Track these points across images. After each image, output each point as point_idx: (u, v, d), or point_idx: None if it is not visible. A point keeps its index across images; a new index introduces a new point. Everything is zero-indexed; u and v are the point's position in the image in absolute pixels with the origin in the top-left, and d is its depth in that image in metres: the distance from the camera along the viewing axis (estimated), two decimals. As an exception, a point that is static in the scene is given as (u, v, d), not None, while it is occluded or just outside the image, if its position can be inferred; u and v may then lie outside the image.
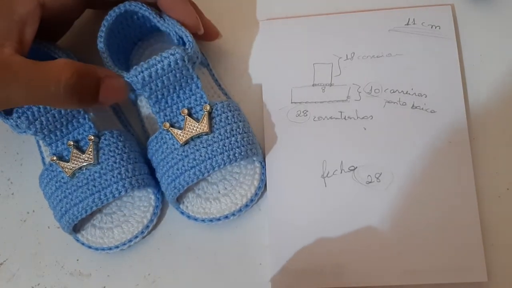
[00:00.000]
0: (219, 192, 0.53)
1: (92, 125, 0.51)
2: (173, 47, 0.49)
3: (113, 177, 0.50)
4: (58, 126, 0.50)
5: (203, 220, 0.53)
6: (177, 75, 0.50)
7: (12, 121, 0.49)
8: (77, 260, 0.54)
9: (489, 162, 0.53)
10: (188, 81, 0.51)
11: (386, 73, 0.55)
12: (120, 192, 0.50)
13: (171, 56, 0.49)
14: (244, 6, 0.59)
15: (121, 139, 0.52)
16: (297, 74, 0.56)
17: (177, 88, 0.51)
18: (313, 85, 0.56)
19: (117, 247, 0.53)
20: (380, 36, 0.56)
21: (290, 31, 0.57)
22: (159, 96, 0.51)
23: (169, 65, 0.49)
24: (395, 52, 0.55)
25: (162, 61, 0.49)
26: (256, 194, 0.53)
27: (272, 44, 0.57)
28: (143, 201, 0.54)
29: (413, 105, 0.54)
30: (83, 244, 0.53)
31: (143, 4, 0.52)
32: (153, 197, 0.53)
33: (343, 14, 0.57)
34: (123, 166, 0.50)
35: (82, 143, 0.51)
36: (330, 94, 0.55)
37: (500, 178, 0.52)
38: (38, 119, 0.49)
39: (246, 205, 0.53)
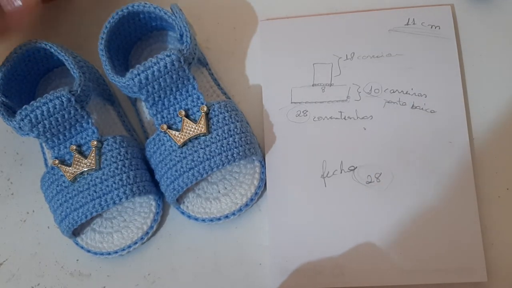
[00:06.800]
0: (219, 191, 0.53)
1: (95, 130, 0.51)
2: (169, 49, 0.49)
3: (114, 183, 0.50)
4: (61, 130, 0.50)
5: (203, 220, 0.53)
6: (174, 76, 0.50)
7: (15, 123, 0.49)
8: (77, 260, 0.54)
9: (489, 162, 0.53)
10: (185, 82, 0.51)
11: (386, 73, 0.55)
12: (120, 199, 0.50)
13: (166, 58, 0.49)
14: (244, 6, 0.59)
15: (124, 145, 0.52)
16: (297, 74, 0.56)
17: (174, 89, 0.51)
18: (313, 85, 0.56)
19: (116, 252, 0.53)
20: (380, 36, 0.56)
21: (290, 31, 0.57)
22: (156, 99, 0.51)
23: (165, 66, 0.49)
24: (395, 52, 0.55)
25: (158, 63, 0.49)
26: (256, 193, 0.53)
27: (272, 44, 0.57)
28: (144, 207, 0.54)
29: (413, 105, 0.54)
30: (82, 248, 0.53)
31: (146, 2, 0.52)
32: (154, 203, 0.53)
33: (343, 14, 0.57)
34: (124, 172, 0.50)
35: (84, 148, 0.51)
36: (330, 94, 0.55)
37: (500, 178, 0.52)
38: (41, 122, 0.49)
39: (246, 205, 0.53)
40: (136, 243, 0.53)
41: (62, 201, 0.50)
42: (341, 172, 0.53)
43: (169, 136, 0.51)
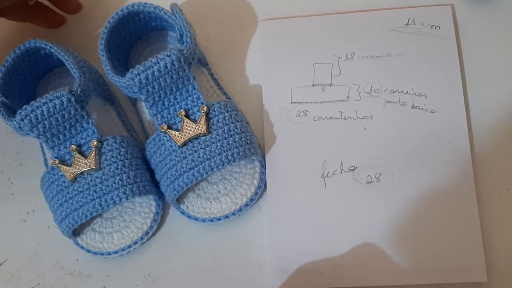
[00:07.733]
0: (219, 191, 0.53)
1: (95, 130, 0.51)
2: (169, 48, 0.49)
3: (115, 183, 0.50)
4: (61, 130, 0.50)
5: (203, 220, 0.53)
6: (174, 76, 0.50)
7: (15, 123, 0.49)
8: (77, 260, 0.54)
9: (489, 162, 0.53)
10: (185, 82, 0.51)
11: (386, 73, 0.55)
12: (121, 199, 0.50)
13: (167, 58, 0.49)
14: (244, 6, 0.59)
15: (124, 145, 0.52)
16: (297, 74, 0.56)
17: (174, 89, 0.51)
18: (313, 85, 0.56)
19: (116, 252, 0.53)
20: (380, 36, 0.56)
21: (290, 31, 0.57)
22: (156, 99, 0.51)
23: (165, 66, 0.49)
24: (395, 52, 0.55)
25: (158, 63, 0.49)
26: (256, 193, 0.53)
27: (272, 44, 0.57)
28: (144, 207, 0.54)
29: (413, 105, 0.54)
30: (82, 248, 0.53)
31: (146, 2, 0.52)
32: (154, 203, 0.53)
33: (343, 14, 0.57)
34: (124, 172, 0.50)
35: (84, 148, 0.51)
36: (330, 94, 0.55)
37: (500, 178, 0.52)
38: (41, 122, 0.49)
39: (246, 205, 0.53)
40: (136, 243, 0.53)
41: (62, 201, 0.50)
42: (341, 172, 0.53)
43: (169, 136, 0.51)
